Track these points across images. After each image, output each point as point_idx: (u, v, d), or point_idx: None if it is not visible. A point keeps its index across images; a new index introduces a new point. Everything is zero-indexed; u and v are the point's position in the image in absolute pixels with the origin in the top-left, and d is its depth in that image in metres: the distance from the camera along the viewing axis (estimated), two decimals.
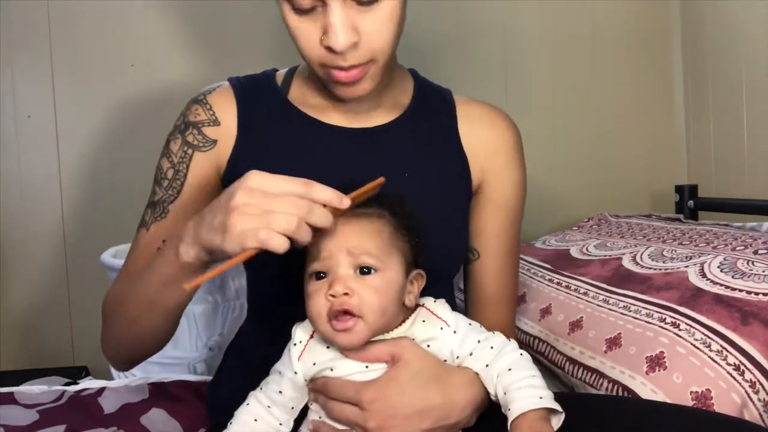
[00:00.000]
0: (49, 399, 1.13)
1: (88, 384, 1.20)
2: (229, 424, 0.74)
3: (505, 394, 0.69)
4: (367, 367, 0.71)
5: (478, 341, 0.73)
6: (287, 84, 0.91)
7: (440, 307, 0.75)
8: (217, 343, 1.41)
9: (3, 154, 1.59)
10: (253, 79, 0.92)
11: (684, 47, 1.80)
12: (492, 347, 0.72)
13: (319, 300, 0.68)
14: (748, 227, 1.22)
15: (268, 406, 0.74)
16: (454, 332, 0.73)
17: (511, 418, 0.67)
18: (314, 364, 0.72)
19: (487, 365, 0.72)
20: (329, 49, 0.74)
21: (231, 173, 0.87)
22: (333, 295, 0.67)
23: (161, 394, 1.15)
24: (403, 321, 0.73)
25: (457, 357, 0.73)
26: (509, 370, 0.70)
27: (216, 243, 0.64)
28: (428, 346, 0.72)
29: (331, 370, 0.71)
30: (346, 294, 0.67)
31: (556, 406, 0.67)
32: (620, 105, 1.83)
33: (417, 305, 0.75)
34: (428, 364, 0.71)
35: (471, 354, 0.72)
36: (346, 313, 0.67)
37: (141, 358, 0.88)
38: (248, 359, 0.92)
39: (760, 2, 1.49)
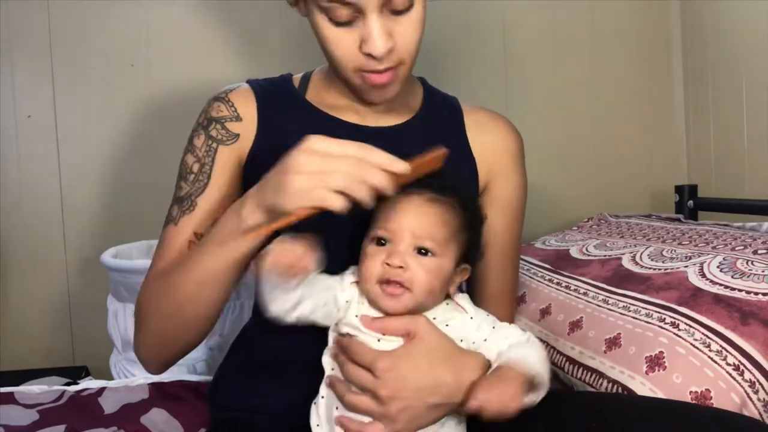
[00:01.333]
0: (49, 399, 1.13)
1: (88, 384, 1.20)
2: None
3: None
4: (379, 340, 0.74)
5: (493, 327, 0.77)
6: (304, 86, 0.95)
7: (462, 298, 0.80)
8: (217, 343, 1.41)
9: (3, 154, 1.59)
10: (271, 81, 0.96)
11: (684, 47, 1.80)
12: (507, 337, 0.76)
13: (374, 263, 0.73)
14: (748, 227, 1.22)
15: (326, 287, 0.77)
16: (471, 318, 0.77)
17: (494, 364, 0.73)
18: (347, 301, 0.76)
19: (499, 353, 0.75)
20: (369, 55, 0.79)
21: (251, 164, 0.90)
22: (389, 264, 0.72)
23: (161, 394, 1.15)
24: None
25: (473, 342, 0.76)
26: (522, 355, 0.74)
27: (277, 202, 0.69)
28: (447, 326, 0.76)
29: (347, 330, 0.75)
30: (401, 267, 0.72)
31: (541, 381, 0.71)
32: (620, 105, 1.83)
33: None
34: (443, 343, 0.74)
35: (486, 340, 0.76)
36: (397, 283, 0.72)
37: (179, 355, 0.88)
38: (252, 357, 0.92)
39: (760, 2, 1.49)
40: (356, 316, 0.75)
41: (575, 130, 1.81)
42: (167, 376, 1.22)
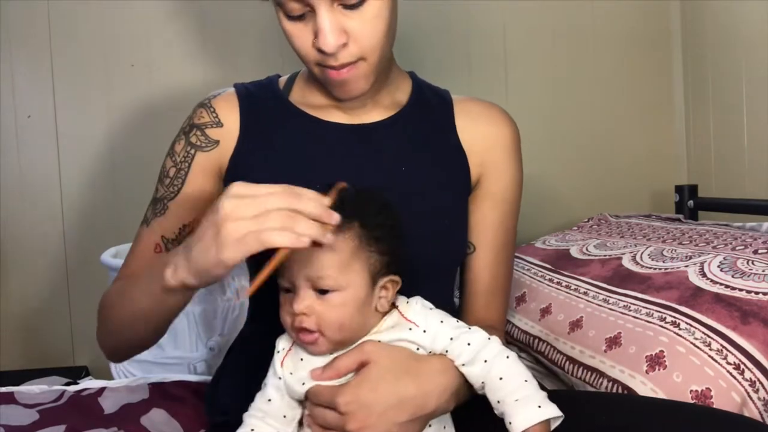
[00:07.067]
0: (49, 399, 1.13)
1: (88, 384, 1.20)
2: None
3: (498, 402, 0.69)
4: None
5: (451, 338, 0.73)
6: (289, 87, 0.95)
7: (410, 308, 0.75)
8: (217, 343, 1.41)
9: (3, 154, 1.59)
10: (257, 84, 0.96)
11: (684, 47, 1.80)
12: (469, 344, 0.72)
13: (284, 312, 0.72)
14: (748, 227, 1.22)
15: (262, 417, 0.75)
16: (424, 332, 0.73)
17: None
18: (291, 373, 0.74)
19: (464, 365, 0.72)
20: (320, 50, 0.78)
21: (233, 169, 0.90)
22: (295, 312, 0.70)
23: (161, 394, 1.15)
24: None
25: (430, 352, 0.73)
26: (500, 379, 0.70)
27: (210, 259, 0.64)
28: (397, 341, 0.73)
29: (303, 384, 0.73)
30: (304, 314, 0.69)
31: (555, 413, 0.68)
32: (620, 105, 1.83)
33: (393, 306, 0.75)
34: (397, 358, 0.71)
35: (446, 352, 0.73)
36: (306, 329, 0.70)
37: (134, 352, 0.91)
38: (247, 361, 0.92)
39: (760, 2, 1.49)
40: (303, 383, 0.73)
41: (575, 130, 1.81)
42: (167, 376, 1.22)
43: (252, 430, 0.74)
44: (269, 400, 0.74)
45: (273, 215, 0.62)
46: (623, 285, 1.08)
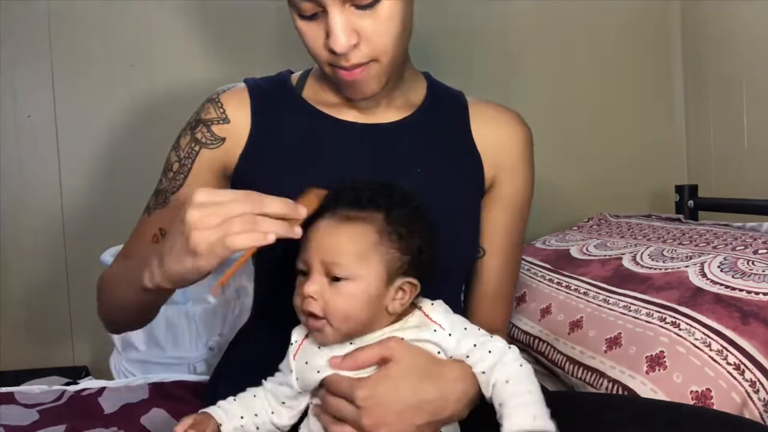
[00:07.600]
0: (49, 399, 1.13)
1: (88, 384, 1.20)
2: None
3: (500, 405, 0.69)
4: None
5: (474, 345, 0.71)
6: (302, 84, 0.94)
7: (436, 310, 0.74)
8: (217, 343, 1.41)
9: (3, 154, 1.59)
10: (268, 80, 0.95)
11: (684, 47, 1.80)
12: (490, 351, 0.71)
13: (296, 295, 0.72)
14: (748, 227, 1.22)
15: (267, 391, 0.77)
16: (450, 335, 0.72)
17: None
18: (306, 363, 0.73)
19: (483, 372, 0.71)
20: (332, 51, 0.78)
21: (243, 168, 0.89)
22: (303, 295, 0.70)
23: (161, 394, 1.15)
24: (394, 323, 0.73)
25: (451, 357, 0.72)
26: (507, 382, 0.69)
27: (184, 267, 0.66)
28: (421, 342, 0.72)
29: (318, 372, 0.72)
30: (312, 297, 0.69)
31: (549, 428, 0.67)
32: (620, 105, 1.83)
33: (416, 307, 0.74)
34: (419, 359, 0.71)
35: (467, 357, 0.72)
36: (313, 315, 0.69)
37: (130, 328, 0.99)
38: (248, 358, 0.92)
39: (760, 3, 1.49)
40: (318, 371, 0.72)
41: (575, 131, 1.81)
42: (167, 376, 1.22)
43: (254, 395, 0.77)
44: (279, 383, 0.76)
45: (236, 221, 0.63)
46: (623, 285, 1.08)
